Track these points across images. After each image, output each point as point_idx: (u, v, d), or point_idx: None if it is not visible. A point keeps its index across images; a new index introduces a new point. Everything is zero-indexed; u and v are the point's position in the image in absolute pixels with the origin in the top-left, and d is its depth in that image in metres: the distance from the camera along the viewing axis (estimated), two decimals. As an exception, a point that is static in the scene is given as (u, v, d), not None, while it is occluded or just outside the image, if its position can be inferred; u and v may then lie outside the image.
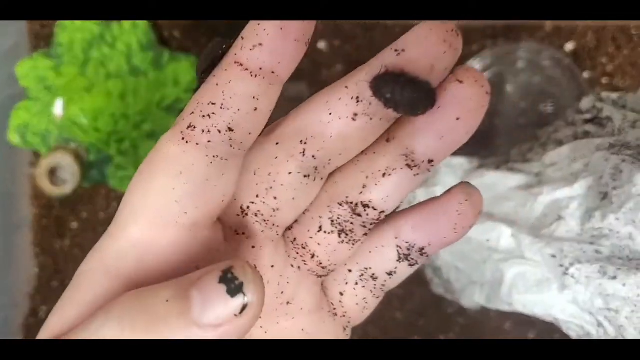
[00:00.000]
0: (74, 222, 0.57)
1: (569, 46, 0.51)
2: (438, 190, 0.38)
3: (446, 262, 0.38)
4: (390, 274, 0.24)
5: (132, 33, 0.50)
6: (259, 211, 0.22)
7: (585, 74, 0.50)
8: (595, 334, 0.32)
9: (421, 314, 0.53)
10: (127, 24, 0.51)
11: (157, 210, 0.19)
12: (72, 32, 0.51)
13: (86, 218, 0.57)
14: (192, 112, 0.20)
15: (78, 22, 0.51)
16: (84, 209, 0.57)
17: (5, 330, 0.56)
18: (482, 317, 0.53)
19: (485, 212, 0.36)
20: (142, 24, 0.51)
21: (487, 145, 0.51)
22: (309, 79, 0.54)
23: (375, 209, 0.23)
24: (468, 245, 0.36)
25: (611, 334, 0.31)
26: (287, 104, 0.57)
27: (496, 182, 0.37)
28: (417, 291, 0.53)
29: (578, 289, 0.32)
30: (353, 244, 0.23)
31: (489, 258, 0.35)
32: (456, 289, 0.39)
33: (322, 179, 0.23)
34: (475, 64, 0.51)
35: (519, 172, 0.37)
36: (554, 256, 0.33)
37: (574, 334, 0.34)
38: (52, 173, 0.51)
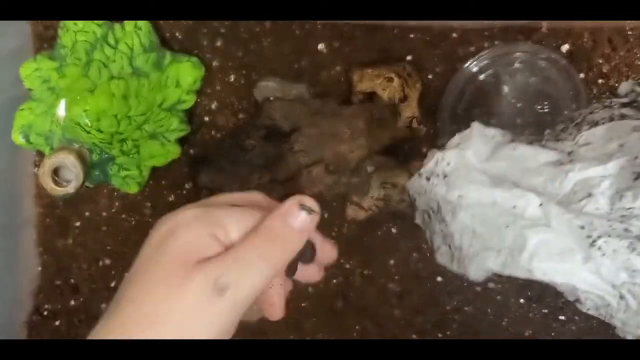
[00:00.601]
0: (77, 222, 0.58)
1: (566, 47, 0.51)
2: (469, 154, 0.39)
3: (464, 225, 0.38)
4: None
5: (134, 35, 0.51)
6: None
7: (582, 75, 0.51)
8: (616, 305, 0.33)
9: (419, 311, 0.54)
10: (129, 25, 0.51)
11: None
12: (75, 34, 0.51)
13: (89, 217, 0.58)
14: None
15: (80, 24, 0.51)
16: (87, 208, 0.58)
17: (9, 328, 0.57)
18: (480, 315, 0.53)
19: (513, 181, 0.37)
20: (145, 26, 0.51)
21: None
22: (309, 80, 0.54)
23: None
24: (492, 209, 0.36)
25: (633, 306, 0.32)
26: (288, 104, 0.57)
27: (527, 156, 0.38)
28: (414, 289, 0.54)
29: (603, 261, 0.32)
30: None
31: (513, 223, 0.35)
32: (465, 256, 0.39)
33: None
34: (473, 65, 0.51)
35: (551, 149, 0.38)
36: (582, 227, 0.33)
37: (591, 304, 0.34)
38: (56, 173, 0.51)
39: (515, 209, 0.36)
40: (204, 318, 0.27)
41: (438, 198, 0.40)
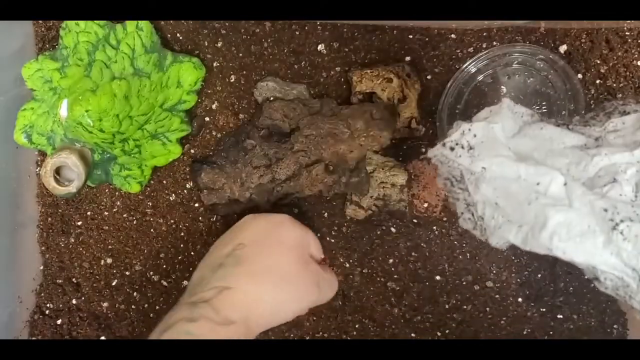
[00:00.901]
0: (78, 221, 0.58)
1: (563, 48, 0.52)
2: (496, 128, 0.39)
3: (486, 197, 0.38)
4: None
5: (136, 35, 0.51)
6: None
7: (580, 75, 0.51)
8: (635, 287, 0.33)
9: (418, 310, 0.54)
10: (131, 26, 0.51)
11: None
12: (76, 34, 0.52)
13: (91, 217, 0.58)
14: None
15: (82, 25, 0.52)
16: (89, 207, 0.58)
17: (11, 326, 0.57)
18: (479, 314, 0.54)
19: (538, 160, 0.37)
20: (146, 27, 0.51)
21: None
22: (309, 81, 0.55)
23: None
24: (515, 184, 0.36)
25: None
26: (288, 104, 0.58)
27: (554, 137, 0.37)
28: (414, 287, 0.54)
29: (625, 245, 0.32)
30: None
31: (535, 200, 0.35)
32: (488, 226, 0.39)
33: None
34: (471, 65, 0.52)
35: (578, 133, 0.38)
36: (605, 210, 0.33)
37: (610, 284, 0.34)
38: (58, 173, 0.51)
39: (539, 185, 0.35)
40: (310, 297, 0.45)
41: (462, 168, 0.39)
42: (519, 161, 0.37)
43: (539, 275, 0.53)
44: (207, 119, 0.56)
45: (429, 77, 0.54)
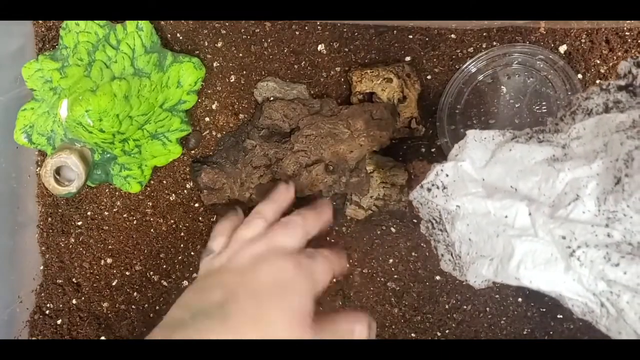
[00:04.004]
0: (78, 221, 0.58)
1: (563, 48, 0.52)
2: (464, 166, 0.38)
3: (461, 234, 0.39)
4: None
5: (136, 35, 0.51)
6: None
7: (579, 76, 0.51)
8: (599, 312, 0.33)
9: (418, 310, 0.54)
10: (131, 26, 0.51)
11: None
12: (76, 34, 0.52)
13: (91, 217, 0.58)
14: None
15: (82, 25, 0.52)
16: (89, 207, 0.58)
17: (11, 326, 0.57)
18: (479, 314, 0.54)
19: (510, 186, 0.37)
20: (146, 27, 0.51)
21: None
22: (309, 81, 0.55)
23: None
24: (485, 219, 0.37)
25: (613, 314, 0.32)
26: (288, 104, 0.58)
27: (524, 155, 0.37)
28: (414, 287, 0.54)
29: (583, 271, 0.32)
30: None
31: (503, 233, 0.36)
32: (464, 264, 0.39)
33: None
34: (471, 65, 0.52)
35: (547, 143, 0.37)
36: (563, 238, 0.33)
37: (578, 310, 0.34)
38: (58, 172, 0.51)
39: (507, 218, 0.36)
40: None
41: (439, 208, 0.40)
42: (488, 197, 0.37)
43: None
44: (207, 119, 0.56)
45: (429, 77, 0.54)
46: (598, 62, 0.51)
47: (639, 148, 0.31)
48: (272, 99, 0.53)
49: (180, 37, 0.56)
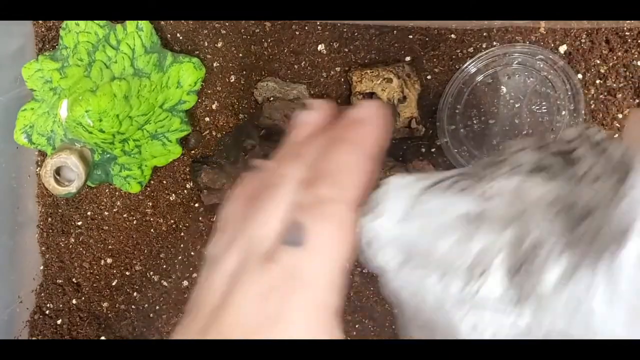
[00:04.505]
0: (78, 221, 0.58)
1: (563, 48, 0.52)
2: (381, 222, 0.32)
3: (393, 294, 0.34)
4: None
5: (135, 36, 0.51)
6: None
7: (579, 76, 0.51)
8: None
9: (418, 310, 0.54)
10: (131, 27, 0.51)
11: None
12: (76, 34, 0.52)
13: (91, 217, 0.58)
14: None
15: (82, 25, 0.52)
16: (89, 207, 0.58)
17: (11, 326, 0.57)
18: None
19: (426, 249, 0.31)
20: (146, 27, 0.51)
21: (482, 146, 0.52)
22: (309, 81, 0.55)
23: None
24: (405, 292, 0.32)
25: None
26: (288, 104, 0.58)
27: (443, 208, 0.31)
28: (414, 288, 0.54)
29: None
30: None
31: (421, 311, 0.31)
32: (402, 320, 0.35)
33: None
34: (471, 65, 0.52)
35: (470, 193, 0.31)
36: (474, 328, 0.29)
37: None
38: (58, 173, 0.51)
39: (419, 294, 0.31)
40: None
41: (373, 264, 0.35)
42: (405, 263, 0.31)
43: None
44: (207, 119, 0.56)
45: (429, 77, 0.54)
46: (598, 62, 0.51)
47: (547, 242, 0.26)
48: (272, 99, 0.53)
49: (180, 37, 0.56)
